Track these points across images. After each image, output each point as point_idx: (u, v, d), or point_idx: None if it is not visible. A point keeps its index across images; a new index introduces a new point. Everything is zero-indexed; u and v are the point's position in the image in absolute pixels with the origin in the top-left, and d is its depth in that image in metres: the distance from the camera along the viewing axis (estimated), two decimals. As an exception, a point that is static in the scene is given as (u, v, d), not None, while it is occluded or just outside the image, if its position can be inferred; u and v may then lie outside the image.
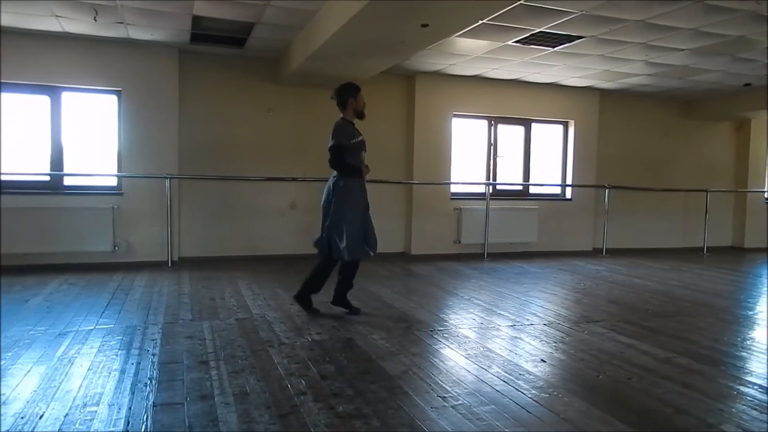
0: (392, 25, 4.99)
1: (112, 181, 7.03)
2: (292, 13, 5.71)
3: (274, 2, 5.42)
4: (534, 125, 9.18)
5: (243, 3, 5.46)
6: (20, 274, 6.04)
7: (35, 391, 2.82)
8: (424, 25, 4.92)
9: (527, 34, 6.23)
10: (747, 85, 8.55)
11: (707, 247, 9.81)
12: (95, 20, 5.90)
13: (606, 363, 3.44)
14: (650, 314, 4.86)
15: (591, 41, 6.44)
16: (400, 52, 5.98)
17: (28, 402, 2.68)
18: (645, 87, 8.95)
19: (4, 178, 6.51)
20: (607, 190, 9.21)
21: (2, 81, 6.39)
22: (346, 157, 4.50)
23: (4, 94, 6.51)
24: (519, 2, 4.90)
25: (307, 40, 6.09)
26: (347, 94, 4.63)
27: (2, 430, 2.41)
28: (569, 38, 6.35)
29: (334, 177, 4.58)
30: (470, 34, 6.20)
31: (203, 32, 6.43)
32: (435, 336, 3.98)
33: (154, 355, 3.42)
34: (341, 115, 4.66)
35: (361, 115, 4.70)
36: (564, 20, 5.71)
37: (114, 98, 6.98)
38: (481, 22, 5.61)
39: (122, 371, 3.13)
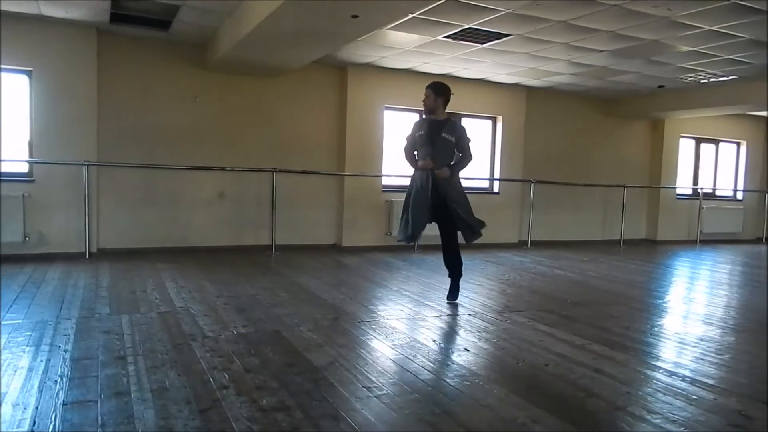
0: (321, 15, 4.95)
1: (23, 168, 6.59)
2: (219, -4, 5.54)
3: (200, -15, 5.24)
4: (463, 120, 9.35)
5: (166, -17, 5.25)
6: None
7: (-71, 392, 2.61)
8: (354, 16, 4.90)
9: (457, 30, 6.34)
10: (661, 86, 9.08)
11: (623, 240, 10.37)
12: (3, -6, 5.50)
13: (525, 351, 3.57)
14: (569, 303, 5.08)
15: (518, 39, 6.63)
16: (331, 42, 5.95)
17: None
18: (568, 86, 9.32)
19: None
20: (532, 185, 9.54)
21: None
22: (410, 150, 4.92)
23: None
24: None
25: (236, 27, 5.93)
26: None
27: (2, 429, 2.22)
28: (498, 35, 6.51)
29: None
30: (401, 28, 6.24)
31: (124, 12, 6.12)
32: (363, 327, 4.00)
33: (66, 351, 3.24)
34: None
35: (427, 111, 4.88)
36: (492, 17, 5.85)
37: (25, 78, 6.53)
38: (411, 15, 5.66)
39: (30, 369, 2.95)
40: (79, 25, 6.52)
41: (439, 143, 4.71)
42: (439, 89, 4.79)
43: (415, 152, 4.90)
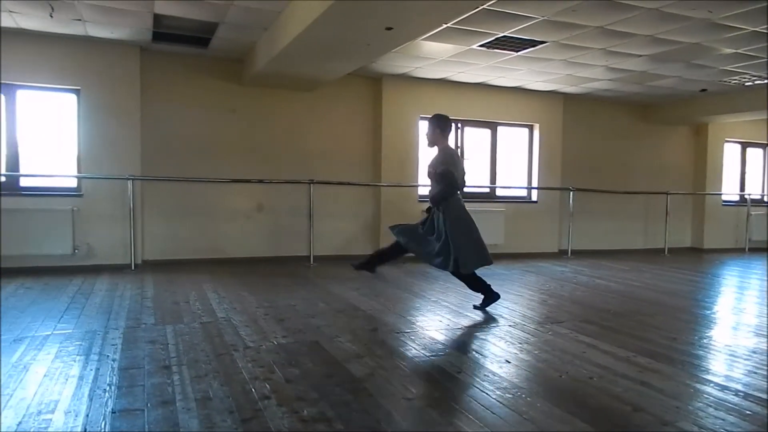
0: (356, 27, 5.00)
1: (72, 183, 6.84)
2: (256, 13, 5.66)
3: (237, 2, 5.36)
4: (500, 128, 9.30)
5: (205, 2, 5.40)
6: (-27, 278, 5.84)
7: (-13, 399, 2.72)
8: (389, 28, 4.94)
9: (491, 39, 6.32)
10: (703, 90, 8.83)
11: (668, 248, 10.07)
12: (51, 17, 5.74)
13: (568, 363, 3.49)
14: (611, 314, 4.96)
15: (553, 46, 6.56)
16: (365, 54, 6.00)
17: (-22, 411, 2.58)
18: (606, 92, 9.17)
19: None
20: (571, 193, 9.39)
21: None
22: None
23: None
24: (481, 7, 4.97)
25: (272, 41, 6.05)
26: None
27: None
28: (532, 43, 6.46)
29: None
30: (435, 38, 6.26)
31: (166, 31, 6.32)
32: (401, 338, 3.99)
33: (114, 360, 3.34)
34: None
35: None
36: (526, 25, 5.82)
37: (73, 97, 6.80)
38: (445, 25, 5.68)
39: (80, 377, 3.04)
40: (124, 44, 6.77)
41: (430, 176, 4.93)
42: (431, 121, 4.96)
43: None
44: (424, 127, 8.60)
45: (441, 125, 4.92)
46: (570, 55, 6.99)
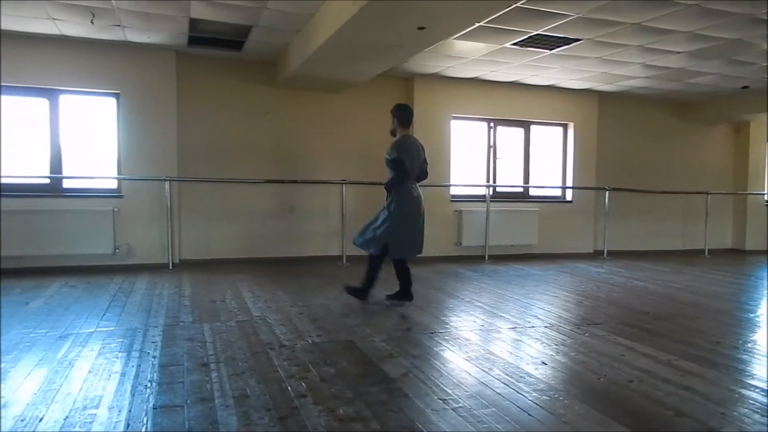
0: (388, 28, 5.00)
1: (113, 184, 7.02)
2: (289, 16, 5.72)
3: (270, 5, 5.42)
4: (533, 127, 9.19)
5: (239, 6, 5.47)
6: (20, 276, 6.05)
7: (35, 393, 2.82)
8: (421, 28, 4.93)
9: (525, 37, 6.25)
10: (744, 87, 8.56)
11: (708, 250, 9.80)
12: (92, 23, 5.91)
13: (606, 366, 3.43)
14: (650, 316, 4.85)
15: (588, 44, 6.45)
16: (397, 54, 6.00)
17: (28, 405, 2.67)
18: (643, 89, 8.97)
19: (3, 180, 6.53)
20: (607, 192, 9.22)
21: (1, 84, 6.41)
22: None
23: (4, 97, 6.53)
24: (515, 5, 4.91)
25: (304, 44, 6.10)
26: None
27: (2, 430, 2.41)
28: (567, 41, 6.36)
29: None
30: (468, 37, 6.22)
31: (200, 35, 6.43)
32: (435, 338, 3.98)
33: (154, 357, 3.42)
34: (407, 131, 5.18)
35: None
36: (561, 23, 5.73)
37: (113, 101, 6.98)
38: (477, 24, 5.63)
39: (122, 374, 3.12)
40: (160, 48, 6.92)
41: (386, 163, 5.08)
42: (392, 111, 5.22)
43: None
44: (456, 126, 8.64)
45: (399, 114, 5.13)
46: (605, 53, 6.86)
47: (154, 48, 6.88)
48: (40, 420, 2.51)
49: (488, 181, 8.82)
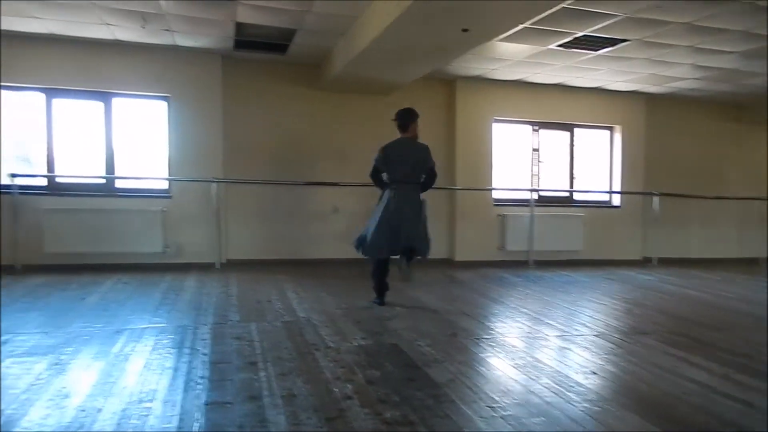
0: (433, 30, 5.00)
1: (163, 185, 7.23)
2: (333, 19, 5.77)
3: (315, 8, 5.49)
4: (578, 131, 9.02)
5: (285, 10, 5.55)
6: (76, 272, 6.30)
7: (94, 385, 2.92)
8: (465, 30, 4.90)
9: (570, 38, 6.14)
10: (805, 88, 8.19)
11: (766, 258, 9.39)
12: (143, 27, 6.09)
13: (659, 377, 3.33)
14: (704, 327, 4.68)
15: (636, 44, 6.30)
16: (441, 56, 5.99)
17: (87, 396, 2.78)
18: (693, 91, 8.68)
19: (60, 180, 6.82)
20: (655, 198, 8.96)
21: (53, 87, 6.71)
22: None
23: (61, 100, 6.83)
24: (560, 6, 4.83)
25: (348, 46, 6.15)
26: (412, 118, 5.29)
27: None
28: (613, 41, 6.23)
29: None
30: (511, 39, 6.16)
31: (246, 39, 6.56)
32: (481, 344, 3.94)
33: (204, 354, 3.50)
34: (407, 135, 5.29)
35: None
36: (608, 23, 5.62)
37: (164, 104, 7.19)
38: (522, 26, 5.57)
39: (175, 369, 3.21)
40: (208, 52, 7.09)
41: (414, 166, 5.19)
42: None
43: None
44: (498, 129, 8.55)
45: (398, 118, 5.26)
46: (654, 54, 6.67)
47: (202, 52, 7.06)
48: (99, 411, 2.60)
49: (532, 185, 8.69)
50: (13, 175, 6.50)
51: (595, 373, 3.38)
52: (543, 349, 3.91)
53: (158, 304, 4.91)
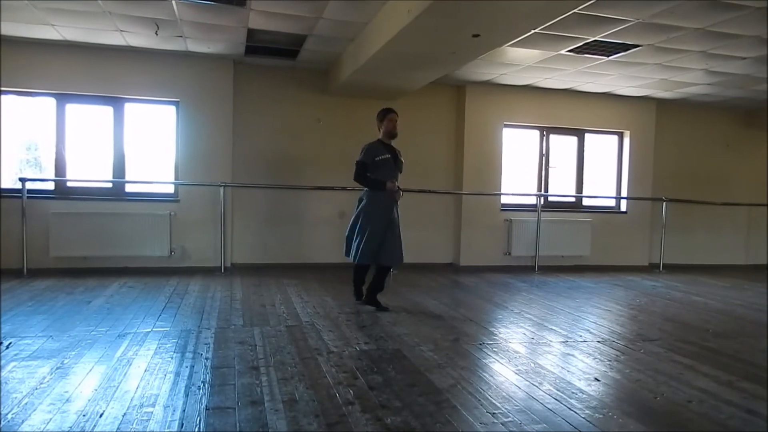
0: (443, 36, 4.99)
1: (170, 189, 7.27)
2: (343, 25, 5.79)
3: (326, 15, 5.51)
4: (587, 136, 8.98)
5: (296, 16, 5.57)
6: (83, 276, 6.33)
7: (96, 389, 2.94)
8: (475, 35, 4.89)
9: (581, 43, 6.11)
10: (817, 94, 8.11)
11: (774, 265, 9.31)
12: (156, 34, 6.14)
13: (663, 384, 3.30)
14: (710, 334, 4.64)
15: (647, 50, 6.26)
16: (451, 62, 5.97)
17: (89, 400, 2.79)
18: (704, 96, 8.62)
19: (71, 184, 6.88)
20: (664, 203, 8.90)
21: (64, 92, 6.77)
22: (370, 173, 5.06)
23: (72, 105, 6.89)
24: (572, 12, 4.81)
25: (358, 52, 6.16)
26: (378, 118, 5.24)
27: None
28: (625, 47, 6.19)
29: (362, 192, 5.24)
30: (522, 44, 6.13)
31: (257, 44, 6.59)
32: (484, 350, 3.93)
33: (207, 359, 3.51)
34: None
35: (390, 135, 5.20)
36: (619, 29, 5.58)
37: (173, 108, 7.23)
38: (533, 31, 5.55)
39: (177, 374, 3.22)
40: (219, 58, 7.13)
41: (399, 166, 5.16)
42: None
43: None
44: (507, 134, 8.54)
45: (378, 117, 5.21)
46: (665, 59, 6.63)
47: (213, 57, 7.10)
48: (101, 416, 2.62)
49: (540, 190, 8.66)
50: (23, 180, 6.55)
51: (598, 380, 3.36)
52: (546, 355, 3.89)
53: (162, 308, 4.93)
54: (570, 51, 6.41)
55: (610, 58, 6.63)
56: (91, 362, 3.38)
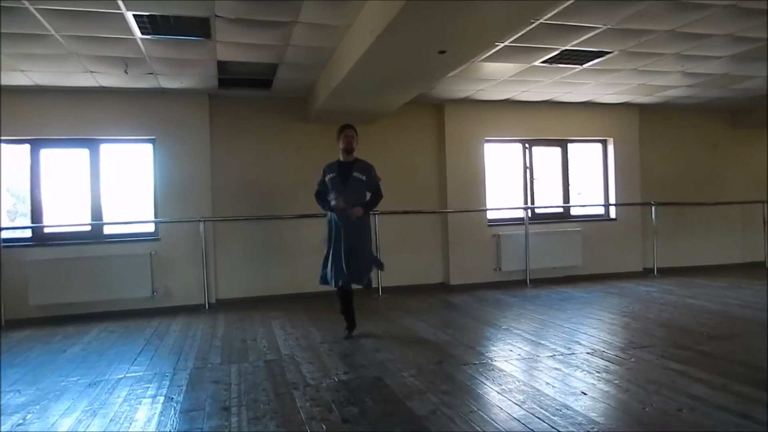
0: (408, 54, 4.93)
1: (150, 228, 7.16)
2: (313, 51, 5.75)
3: (293, 41, 5.47)
4: (570, 146, 8.92)
5: (263, 45, 5.53)
6: (63, 323, 6.17)
7: (55, 445, 2.79)
8: (442, 52, 4.84)
9: (553, 53, 6.08)
10: (797, 86, 8.07)
11: (769, 261, 9.17)
12: (126, 73, 6.11)
13: (654, 393, 3.16)
14: (705, 337, 4.50)
15: (621, 56, 6.22)
16: (421, 81, 5.92)
17: (45, 457, 2.64)
18: (686, 99, 8.58)
19: (48, 230, 6.77)
20: (653, 208, 8.80)
21: (38, 138, 6.71)
22: (323, 194, 5.14)
23: (47, 150, 6.83)
24: (537, 23, 4.79)
25: (330, 77, 6.12)
26: (336, 137, 5.21)
27: None
28: (598, 54, 6.15)
29: None
30: (494, 58, 6.10)
31: (230, 77, 6.55)
32: (468, 371, 3.78)
33: (177, 403, 3.36)
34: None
35: (346, 151, 5.16)
36: (589, 36, 5.54)
37: (149, 146, 7.17)
38: (502, 44, 5.52)
39: (146, 421, 3.07)
40: (193, 93, 7.09)
41: (351, 183, 5.01)
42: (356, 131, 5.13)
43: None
44: (490, 149, 8.48)
45: (336, 136, 5.17)
46: (641, 64, 6.59)
47: (187, 92, 7.06)
48: (55, 473, 2.46)
49: (525, 202, 8.57)
50: (-1, 229, 6.44)
51: (585, 394, 3.22)
52: (533, 371, 3.74)
53: (140, 351, 4.77)
54: (543, 62, 6.38)
55: (584, 66, 6.59)
56: (55, 416, 3.23)
